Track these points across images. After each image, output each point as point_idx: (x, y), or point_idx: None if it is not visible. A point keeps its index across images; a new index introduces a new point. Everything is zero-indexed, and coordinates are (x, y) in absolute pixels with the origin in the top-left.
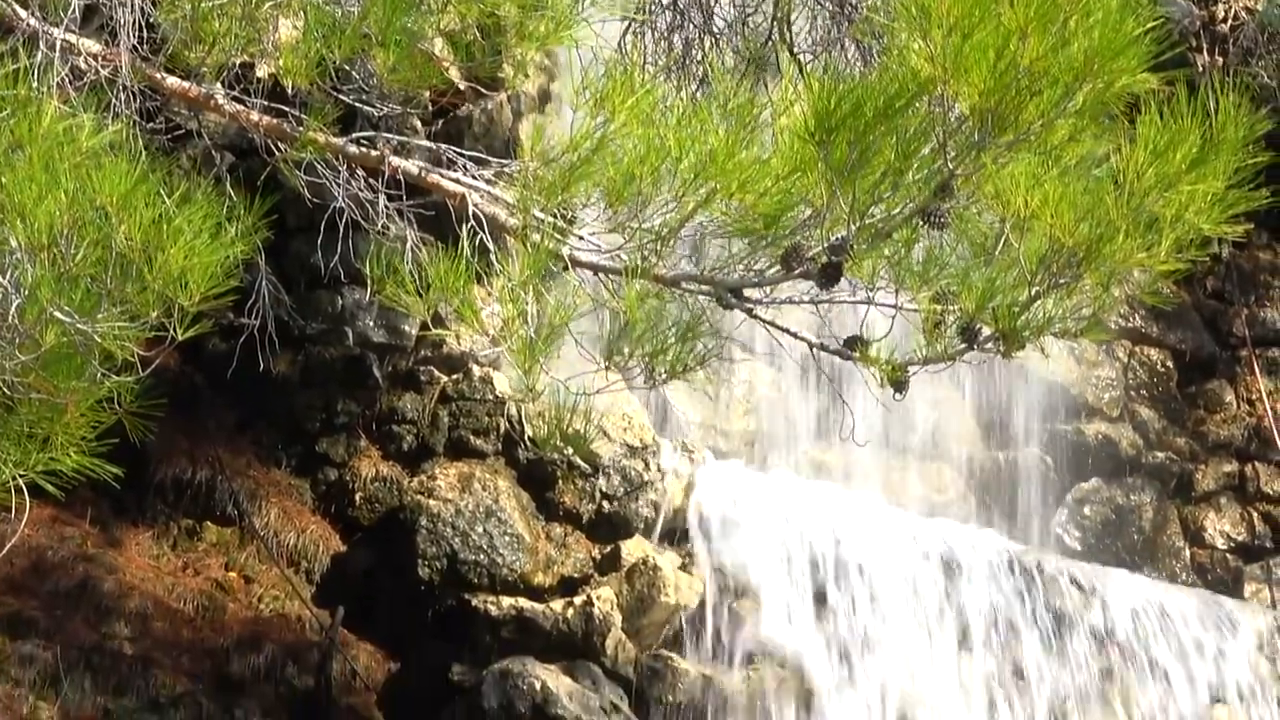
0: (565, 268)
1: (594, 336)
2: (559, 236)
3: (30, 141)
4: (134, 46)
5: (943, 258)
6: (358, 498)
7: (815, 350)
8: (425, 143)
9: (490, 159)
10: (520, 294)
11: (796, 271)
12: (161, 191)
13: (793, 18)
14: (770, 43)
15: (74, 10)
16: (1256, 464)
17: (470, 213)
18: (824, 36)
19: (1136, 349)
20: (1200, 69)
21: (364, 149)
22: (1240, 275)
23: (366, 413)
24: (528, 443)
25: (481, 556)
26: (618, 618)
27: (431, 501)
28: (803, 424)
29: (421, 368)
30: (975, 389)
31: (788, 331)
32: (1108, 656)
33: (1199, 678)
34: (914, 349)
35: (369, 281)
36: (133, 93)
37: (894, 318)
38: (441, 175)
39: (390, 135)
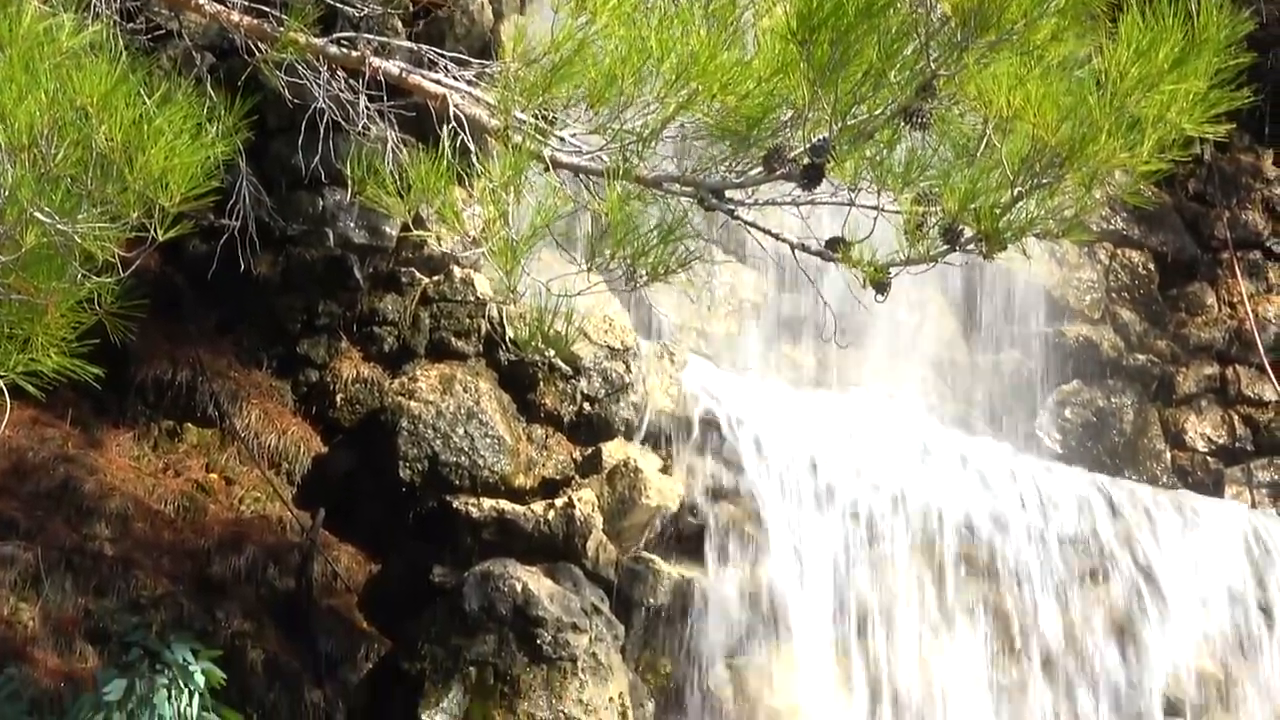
0: (546, 169)
1: (575, 238)
2: (540, 138)
3: (10, 42)
4: None
5: (925, 159)
6: (339, 399)
7: (797, 251)
8: (406, 43)
9: (471, 60)
10: (501, 195)
11: (778, 173)
12: (142, 92)
13: None
14: None
15: None
16: (1237, 367)
17: (451, 114)
18: None
19: (1118, 251)
20: None
21: (345, 50)
22: (1222, 177)
23: (347, 314)
24: (509, 344)
25: (463, 458)
26: (599, 520)
27: (412, 403)
28: (784, 326)
29: (402, 269)
30: (957, 291)
31: (769, 233)
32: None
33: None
34: (896, 250)
35: (350, 183)
36: None
37: (875, 219)
38: (422, 76)
39: (371, 36)
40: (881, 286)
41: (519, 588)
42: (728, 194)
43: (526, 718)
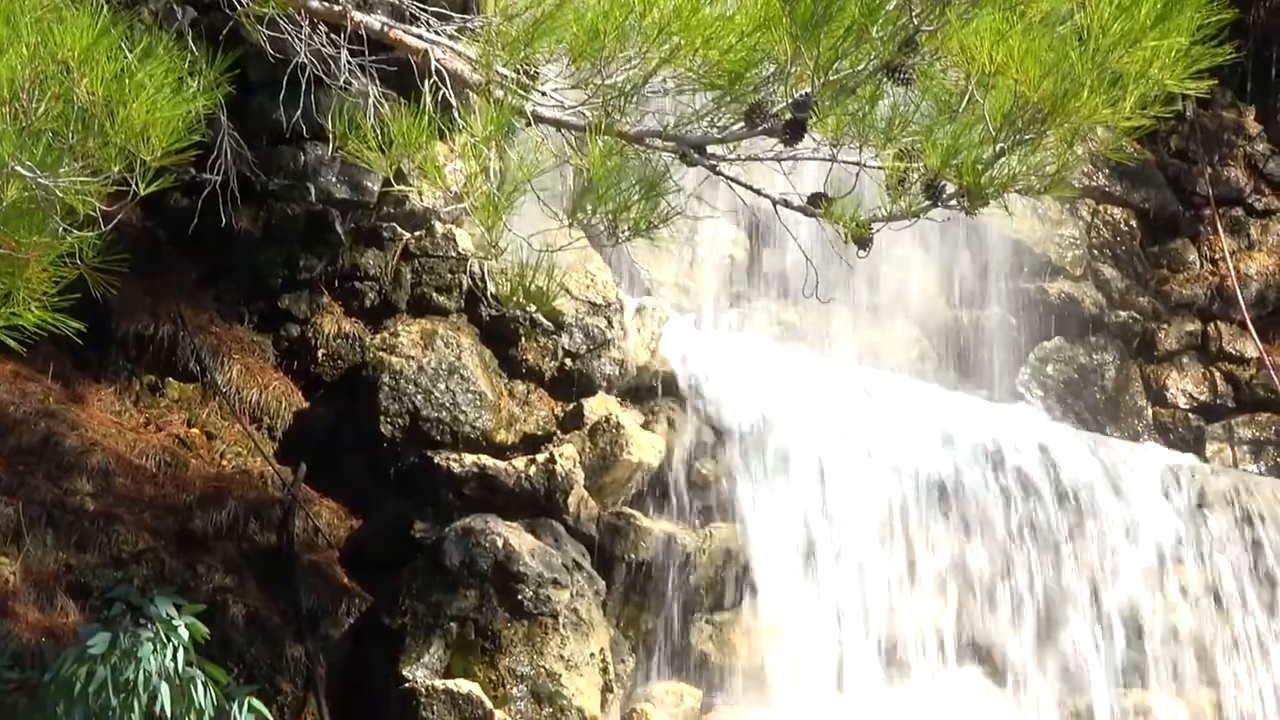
0: (528, 124)
1: (557, 193)
2: (522, 93)
3: None
4: None
5: (907, 114)
6: (320, 354)
7: (778, 207)
8: None
9: (453, 14)
10: (483, 150)
11: (760, 128)
12: (123, 46)
13: None
14: None
15: None
16: (1219, 323)
17: (433, 68)
18: None
19: (1100, 208)
20: None
21: (326, 4)
22: (1204, 134)
23: (329, 269)
24: (490, 300)
25: (444, 414)
26: (580, 475)
27: (394, 358)
28: (766, 281)
29: (384, 224)
30: (939, 247)
31: (751, 188)
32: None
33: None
34: (878, 206)
35: (331, 137)
36: None
37: (858, 175)
38: (404, 31)
39: None
40: (863, 242)
41: (500, 543)
42: (710, 149)
43: (507, 673)
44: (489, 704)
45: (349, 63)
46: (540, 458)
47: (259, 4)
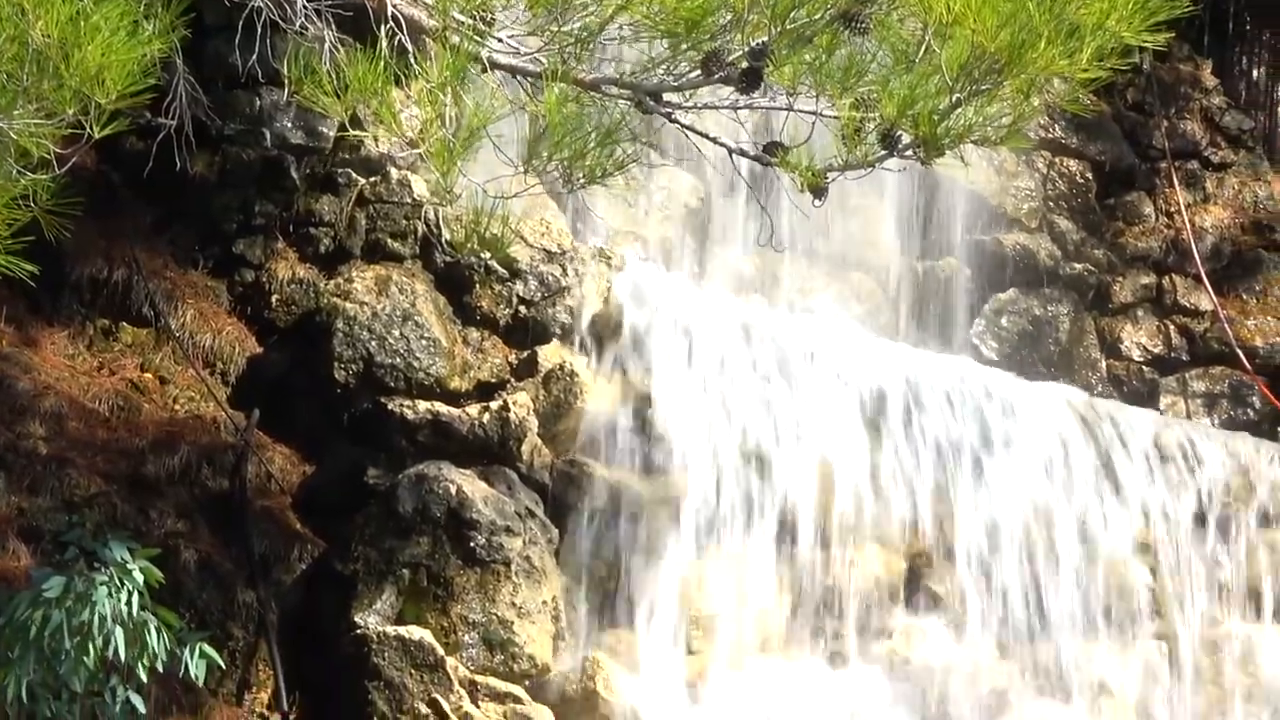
0: (484, 70)
1: (513, 140)
2: (478, 39)
3: None
4: None
5: (863, 64)
6: (274, 300)
7: (734, 155)
8: None
9: None
10: (439, 96)
11: (717, 76)
12: None
13: None
14: None
15: None
16: (1174, 276)
17: (389, 14)
18: None
19: (1056, 160)
20: None
21: None
22: (1161, 87)
23: (284, 214)
24: (445, 246)
25: (398, 360)
26: (534, 423)
27: (348, 304)
28: (722, 231)
29: (339, 170)
30: (895, 198)
31: (707, 136)
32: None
33: None
34: (834, 156)
35: (287, 82)
36: None
37: (814, 124)
38: None
39: None
40: (819, 191)
41: (453, 490)
42: (666, 97)
43: (459, 620)
44: (440, 651)
45: (305, 7)
46: (494, 405)
47: None
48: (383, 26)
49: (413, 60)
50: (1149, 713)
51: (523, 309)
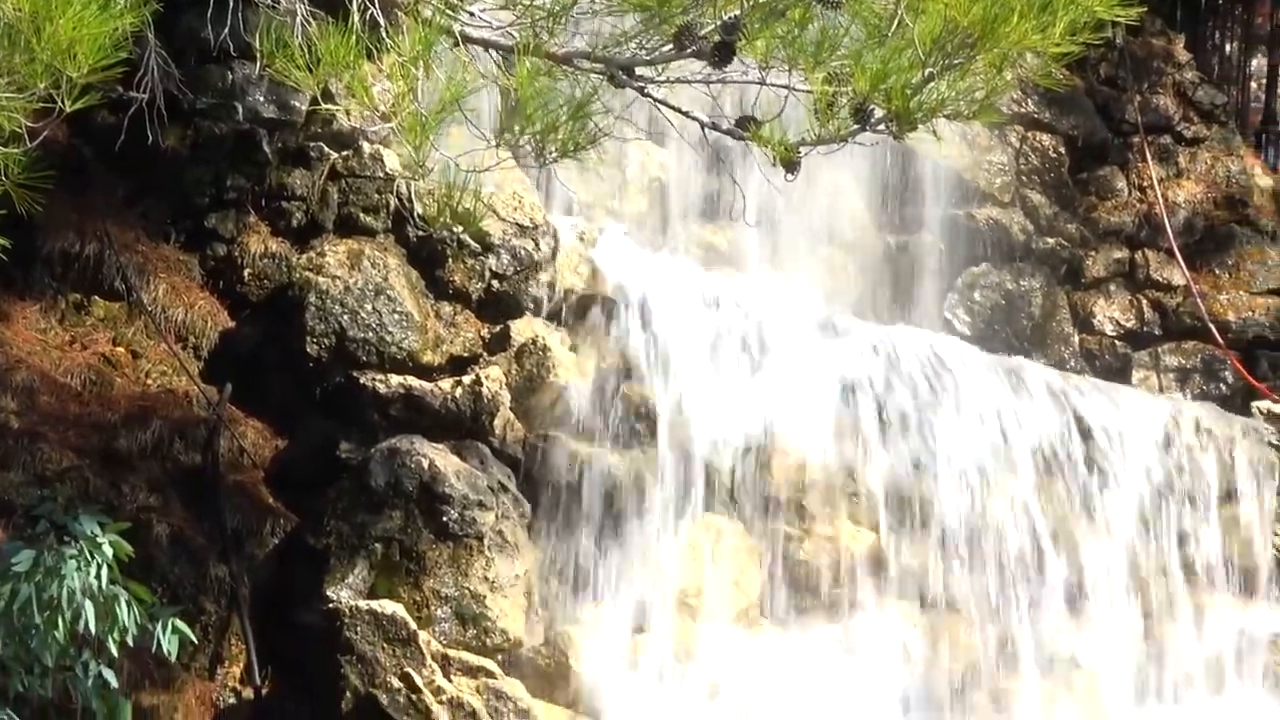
0: (456, 44)
1: (485, 114)
2: (450, 12)
3: None
4: None
5: (836, 38)
6: (246, 274)
7: (707, 130)
8: None
9: None
10: (411, 70)
11: (689, 50)
12: None
13: None
14: None
15: None
16: (1146, 251)
17: None
18: None
19: (1029, 134)
20: None
21: None
22: (1133, 62)
23: (256, 189)
24: (417, 220)
25: (370, 334)
26: (506, 397)
27: (320, 278)
28: (693, 205)
29: (311, 144)
30: (867, 173)
31: (680, 110)
32: None
33: None
34: (807, 130)
35: (259, 56)
36: None
37: (786, 98)
38: None
39: None
40: (791, 165)
41: (426, 464)
42: (638, 71)
43: (432, 594)
44: (413, 625)
45: None
46: (467, 379)
47: None
48: (355, 0)
49: (385, 34)
50: (1120, 686)
51: (495, 283)
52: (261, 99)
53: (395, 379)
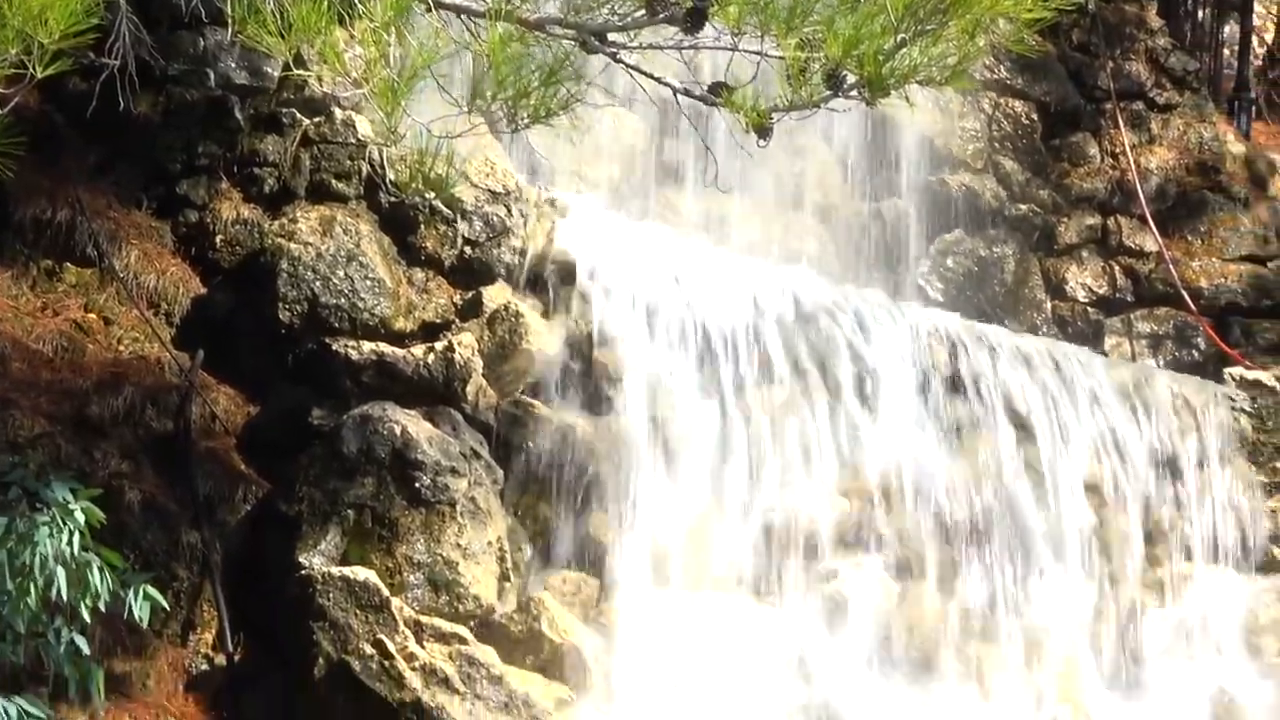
0: (428, 9)
1: (457, 80)
2: None
3: None
4: None
5: (809, 4)
6: (218, 240)
7: (679, 96)
8: None
9: None
10: (383, 36)
11: (661, 16)
12: None
13: None
14: None
15: None
16: (1119, 217)
17: None
18: None
19: (1001, 101)
20: None
21: None
22: (1106, 28)
23: (228, 155)
24: (389, 186)
25: (342, 300)
26: (479, 364)
27: (292, 245)
28: (667, 171)
29: (283, 110)
30: (840, 139)
31: (652, 76)
32: None
33: None
34: (779, 96)
35: (231, 22)
36: None
37: (759, 64)
38: None
39: None
40: (764, 131)
41: (398, 431)
42: (610, 37)
43: (404, 560)
44: (385, 591)
45: None
46: (439, 346)
47: None
48: None
49: (356, 0)
50: (1085, 654)
51: (467, 249)
52: (233, 65)
53: (367, 345)
